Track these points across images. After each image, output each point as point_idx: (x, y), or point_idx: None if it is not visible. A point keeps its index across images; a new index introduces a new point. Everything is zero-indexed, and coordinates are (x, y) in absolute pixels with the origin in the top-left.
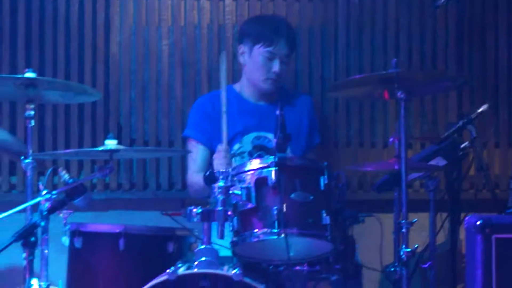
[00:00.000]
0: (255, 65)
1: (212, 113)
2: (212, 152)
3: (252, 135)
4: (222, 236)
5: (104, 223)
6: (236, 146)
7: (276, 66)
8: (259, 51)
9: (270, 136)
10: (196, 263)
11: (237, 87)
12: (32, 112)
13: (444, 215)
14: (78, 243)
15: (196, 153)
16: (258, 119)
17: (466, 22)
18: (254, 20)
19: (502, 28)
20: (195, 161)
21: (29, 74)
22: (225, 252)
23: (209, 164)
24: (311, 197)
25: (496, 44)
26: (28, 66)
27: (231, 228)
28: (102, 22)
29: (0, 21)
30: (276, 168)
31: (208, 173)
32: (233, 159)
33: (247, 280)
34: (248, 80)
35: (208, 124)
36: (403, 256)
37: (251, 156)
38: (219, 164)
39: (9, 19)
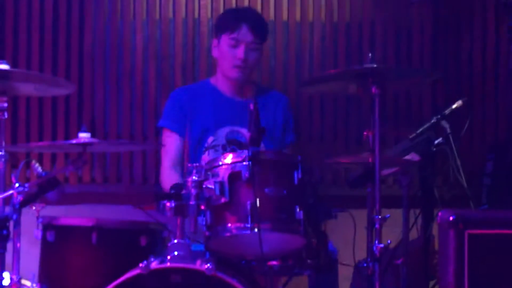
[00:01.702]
0: (223, 54)
1: (188, 104)
2: (185, 142)
3: (226, 128)
4: (195, 230)
5: (76, 216)
6: (209, 139)
7: (240, 53)
8: (225, 39)
9: (244, 131)
10: (168, 257)
11: (213, 80)
12: (5, 104)
13: (418, 211)
14: (50, 237)
15: (170, 143)
16: (232, 113)
17: (441, 19)
18: (223, 12)
19: (477, 25)
20: (168, 153)
21: (3, 66)
22: (198, 247)
23: (182, 156)
24: (285, 192)
25: (471, 41)
26: (2, 57)
27: (204, 222)
28: (76, 14)
29: None
30: (250, 162)
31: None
32: (206, 152)
33: (220, 274)
34: (221, 72)
35: (182, 114)
36: (376, 252)
37: (224, 149)
38: None
39: None
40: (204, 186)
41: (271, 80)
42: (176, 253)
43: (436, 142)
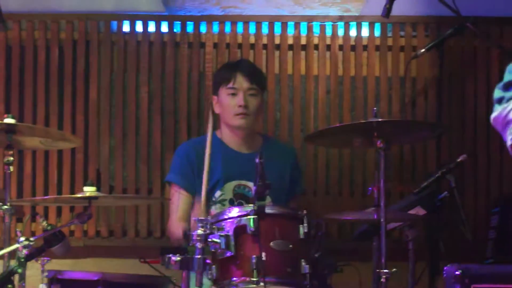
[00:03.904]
0: (223, 106)
1: (195, 160)
2: (193, 198)
3: (234, 183)
4: (200, 285)
5: (82, 270)
6: (217, 193)
7: (240, 100)
8: (223, 91)
9: (251, 185)
10: None
11: (218, 134)
12: (11, 158)
13: (423, 264)
14: None
15: (179, 199)
16: (240, 167)
17: (445, 72)
18: (217, 70)
19: (481, 78)
20: (177, 208)
21: (9, 120)
22: None
23: (190, 212)
24: (291, 246)
25: (475, 94)
26: (8, 111)
27: (209, 277)
28: (82, 69)
29: None
30: (255, 216)
31: (188, 232)
32: (214, 207)
33: None
34: (225, 125)
35: (190, 171)
36: None
37: (231, 204)
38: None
39: None
40: (209, 239)
41: (276, 133)
42: None
43: (441, 196)
